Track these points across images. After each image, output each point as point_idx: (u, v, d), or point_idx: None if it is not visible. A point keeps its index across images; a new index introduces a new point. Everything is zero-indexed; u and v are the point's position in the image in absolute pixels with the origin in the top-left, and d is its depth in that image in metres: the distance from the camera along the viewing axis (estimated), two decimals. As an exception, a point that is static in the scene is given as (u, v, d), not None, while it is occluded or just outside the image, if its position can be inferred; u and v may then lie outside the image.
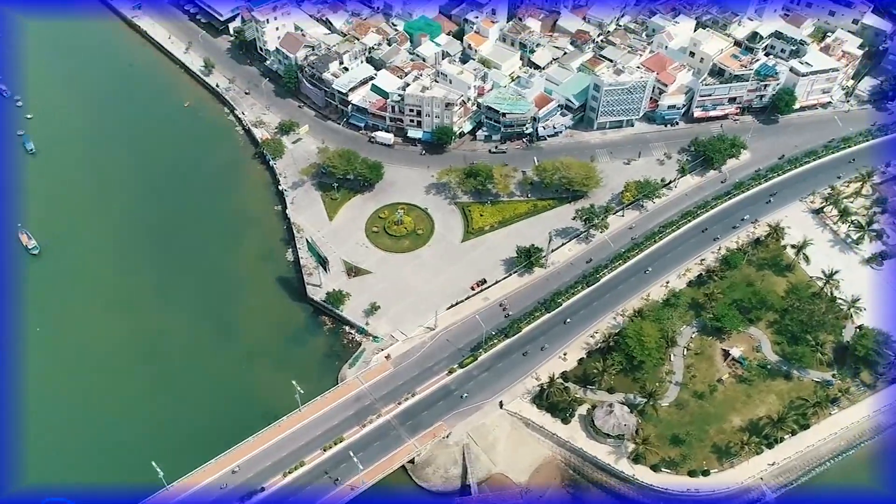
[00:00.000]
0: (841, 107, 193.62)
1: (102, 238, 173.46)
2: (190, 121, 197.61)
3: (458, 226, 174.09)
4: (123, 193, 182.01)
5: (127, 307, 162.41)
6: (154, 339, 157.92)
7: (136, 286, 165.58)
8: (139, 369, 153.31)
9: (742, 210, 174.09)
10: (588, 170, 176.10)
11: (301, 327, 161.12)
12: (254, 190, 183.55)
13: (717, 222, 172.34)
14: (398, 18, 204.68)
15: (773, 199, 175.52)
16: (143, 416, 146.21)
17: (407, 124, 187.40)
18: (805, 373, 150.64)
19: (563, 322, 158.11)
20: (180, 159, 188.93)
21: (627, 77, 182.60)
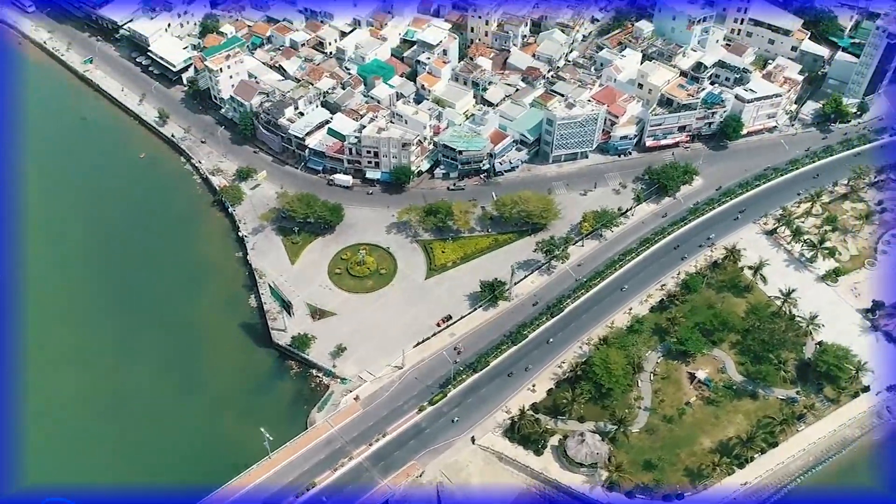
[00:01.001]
0: (787, 130, 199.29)
1: (59, 291, 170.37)
2: (146, 172, 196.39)
3: (421, 263, 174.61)
4: (80, 246, 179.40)
5: (86, 361, 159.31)
6: (115, 392, 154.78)
7: (96, 339, 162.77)
8: (100, 425, 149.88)
9: (705, 232, 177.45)
10: (546, 202, 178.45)
11: (267, 373, 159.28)
12: (213, 237, 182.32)
13: (678, 245, 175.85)
14: (351, 63, 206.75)
15: (740, 216, 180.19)
16: (106, 474, 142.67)
17: (365, 165, 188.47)
18: (770, 391, 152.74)
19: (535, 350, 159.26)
20: (138, 210, 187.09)
21: (579, 110, 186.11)
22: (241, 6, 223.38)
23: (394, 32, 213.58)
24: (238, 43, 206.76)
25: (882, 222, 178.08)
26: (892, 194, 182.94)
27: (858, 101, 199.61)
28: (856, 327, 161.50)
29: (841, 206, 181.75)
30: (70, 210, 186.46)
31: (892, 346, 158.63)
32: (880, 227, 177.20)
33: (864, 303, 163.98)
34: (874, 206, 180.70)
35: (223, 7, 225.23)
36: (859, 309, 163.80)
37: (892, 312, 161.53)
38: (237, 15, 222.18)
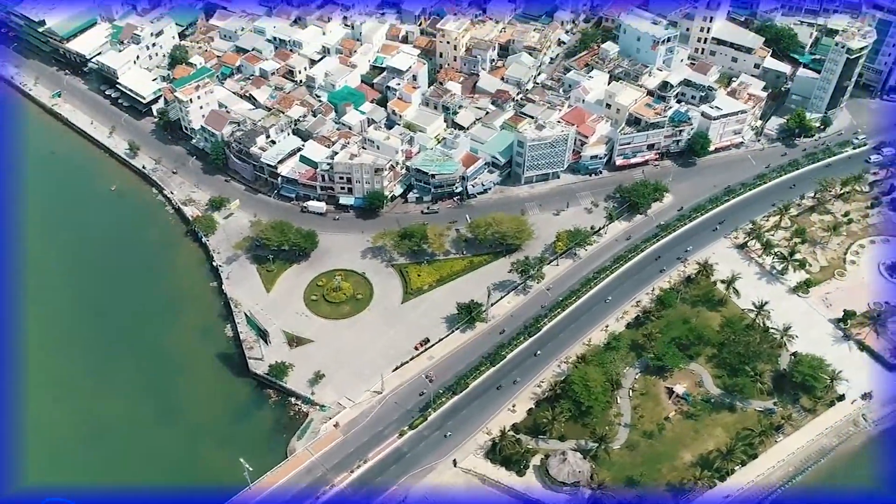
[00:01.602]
0: (753, 146, 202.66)
1: (34, 323, 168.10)
2: (118, 204, 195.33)
3: (397, 287, 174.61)
4: (53, 279, 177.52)
5: (63, 392, 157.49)
6: (93, 424, 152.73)
7: (72, 371, 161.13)
8: (78, 456, 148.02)
9: (679, 247, 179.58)
10: (519, 223, 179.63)
11: (245, 402, 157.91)
12: (187, 268, 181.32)
13: (658, 256, 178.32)
14: (321, 90, 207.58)
15: (719, 227, 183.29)
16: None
17: (338, 192, 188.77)
18: (748, 403, 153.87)
19: (510, 380, 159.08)
20: (111, 243, 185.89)
21: (549, 132, 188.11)
22: (209, 38, 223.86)
23: (363, 59, 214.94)
24: (208, 73, 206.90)
25: (850, 233, 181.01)
26: (857, 206, 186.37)
27: (821, 116, 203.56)
28: (829, 337, 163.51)
29: (809, 218, 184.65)
30: (42, 244, 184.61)
31: (865, 355, 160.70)
32: (848, 238, 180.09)
33: (835, 313, 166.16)
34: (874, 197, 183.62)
35: (192, 38, 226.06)
36: (831, 319, 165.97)
37: (864, 321, 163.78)
38: (206, 45, 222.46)
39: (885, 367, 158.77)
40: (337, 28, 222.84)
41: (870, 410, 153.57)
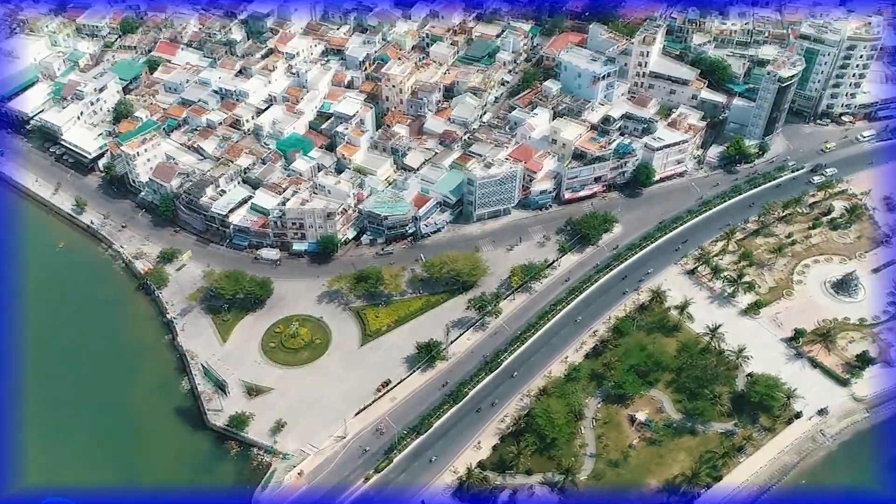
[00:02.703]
0: (696, 174, 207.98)
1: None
2: (66, 262, 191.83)
3: (355, 331, 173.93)
4: (3, 341, 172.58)
5: (17, 460, 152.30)
6: (48, 489, 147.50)
7: (27, 436, 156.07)
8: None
9: (632, 274, 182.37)
10: (474, 260, 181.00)
11: (206, 456, 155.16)
12: (140, 323, 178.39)
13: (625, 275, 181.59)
14: (269, 138, 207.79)
15: (681, 247, 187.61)
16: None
17: (291, 238, 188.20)
18: (709, 426, 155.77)
19: (476, 411, 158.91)
20: (60, 301, 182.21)
21: (497, 169, 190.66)
22: (154, 91, 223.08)
23: (309, 106, 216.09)
24: (153, 126, 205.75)
25: (794, 254, 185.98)
26: (799, 227, 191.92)
27: (759, 142, 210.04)
28: (782, 356, 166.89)
29: (754, 241, 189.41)
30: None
31: (818, 371, 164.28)
32: (793, 259, 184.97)
33: (786, 332, 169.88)
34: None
35: (136, 92, 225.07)
36: (783, 338, 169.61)
37: (814, 339, 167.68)
38: (151, 99, 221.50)
39: (837, 383, 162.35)
40: (282, 77, 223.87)
41: (827, 426, 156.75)
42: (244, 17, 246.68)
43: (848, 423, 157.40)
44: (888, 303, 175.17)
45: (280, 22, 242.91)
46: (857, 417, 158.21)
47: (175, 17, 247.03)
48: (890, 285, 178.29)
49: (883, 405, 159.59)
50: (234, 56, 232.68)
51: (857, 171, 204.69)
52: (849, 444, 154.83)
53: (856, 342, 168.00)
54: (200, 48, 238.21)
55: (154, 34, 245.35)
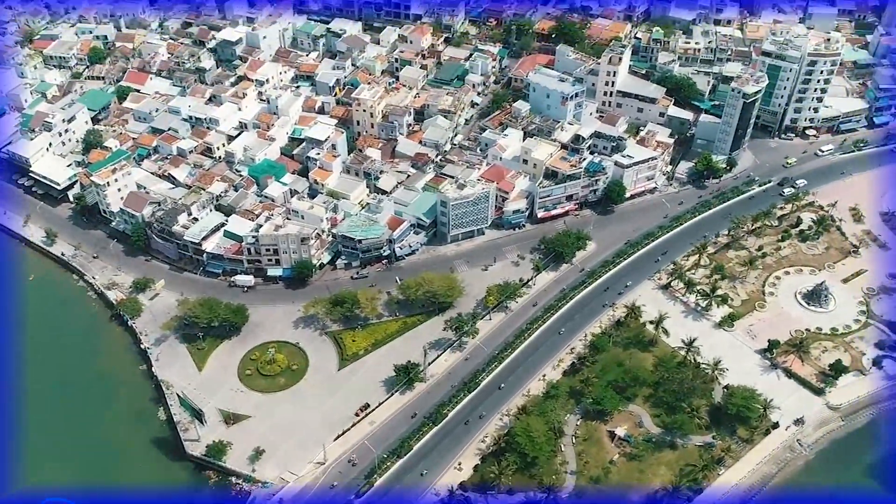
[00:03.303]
0: (666, 190, 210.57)
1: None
2: (38, 294, 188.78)
3: (333, 355, 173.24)
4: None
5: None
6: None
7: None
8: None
9: (603, 295, 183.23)
10: (449, 281, 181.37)
11: (184, 487, 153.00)
12: (115, 353, 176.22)
13: (582, 308, 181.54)
14: (241, 165, 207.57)
15: (661, 258, 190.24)
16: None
17: (266, 264, 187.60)
18: (688, 439, 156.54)
19: (465, 423, 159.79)
20: (33, 334, 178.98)
21: (470, 190, 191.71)
22: (123, 120, 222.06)
23: (281, 132, 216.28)
24: (124, 156, 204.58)
25: (765, 266, 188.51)
26: (769, 240, 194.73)
27: (726, 157, 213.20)
28: (757, 367, 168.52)
29: (726, 255, 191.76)
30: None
31: (793, 382, 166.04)
32: (764, 271, 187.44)
33: (760, 343, 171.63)
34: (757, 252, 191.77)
35: (106, 122, 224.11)
36: (757, 349, 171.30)
37: (788, 349, 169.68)
38: (121, 128, 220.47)
39: (812, 392, 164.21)
40: (252, 103, 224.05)
41: (804, 435, 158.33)
42: (213, 45, 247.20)
43: (824, 431, 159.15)
44: (858, 312, 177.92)
45: (250, 49, 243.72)
46: (833, 426, 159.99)
47: (144, 46, 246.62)
48: (860, 294, 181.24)
49: (857, 413, 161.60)
50: (204, 84, 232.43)
51: (823, 184, 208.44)
52: (825, 453, 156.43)
53: (829, 352, 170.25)
54: (170, 76, 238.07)
55: (123, 63, 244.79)
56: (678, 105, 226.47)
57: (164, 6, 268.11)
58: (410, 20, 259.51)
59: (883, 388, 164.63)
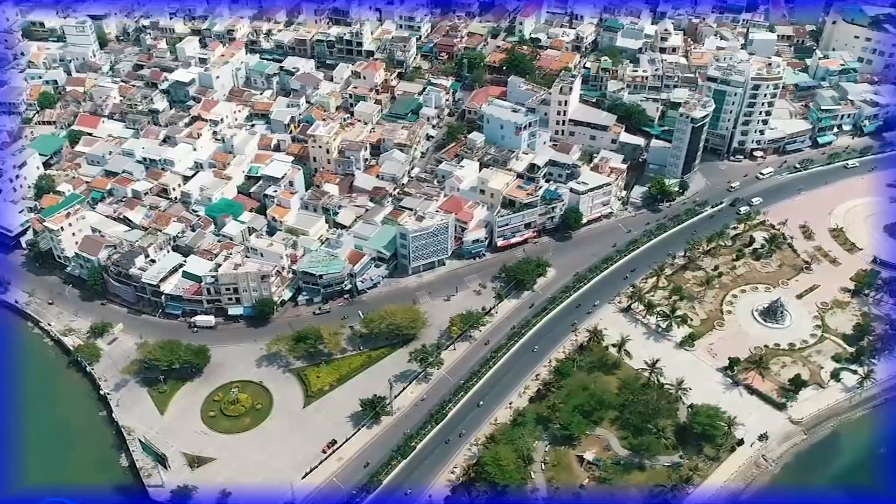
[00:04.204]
0: (622, 215, 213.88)
1: None
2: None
3: (297, 392, 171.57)
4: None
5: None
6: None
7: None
8: None
9: (566, 320, 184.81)
10: (412, 313, 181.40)
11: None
12: (74, 400, 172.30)
13: (545, 334, 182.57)
14: (198, 205, 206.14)
15: (630, 275, 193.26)
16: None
17: (226, 303, 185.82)
18: (656, 460, 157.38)
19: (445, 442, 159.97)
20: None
21: (429, 222, 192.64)
22: (76, 164, 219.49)
23: (237, 171, 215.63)
24: (78, 200, 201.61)
25: (722, 285, 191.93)
26: (724, 259, 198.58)
27: (678, 181, 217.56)
28: (719, 385, 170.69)
29: (683, 276, 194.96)
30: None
31: (755, 398, 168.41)
32: (721, 290, 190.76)
33: (721, 361, 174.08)
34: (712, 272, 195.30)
35: (58, 167, 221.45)
36: (719, 368, 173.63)
37: (749, 366, 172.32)
38: (73, 172, 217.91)
39: (774, 408, 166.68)
40: (207, 143, 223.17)
41: (768, 450, 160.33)
42: (166, 87, 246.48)
43: (788, 445, 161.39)
44: (814, 326, 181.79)
45: (203, 89, 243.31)
46: (796, 440, 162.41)
47: (95, 90, 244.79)
48: (814, 309, 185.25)
49: (819, 426, 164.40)
50: (157, 125, 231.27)
51: (773, 203, 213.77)
52: (790, 466, 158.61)
53: (788, 366, 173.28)
54: (123, 119, 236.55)
55: (74, 108, 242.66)
56: (629, 131, 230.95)
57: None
58: (363, 56, 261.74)
59: (842, 400, 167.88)
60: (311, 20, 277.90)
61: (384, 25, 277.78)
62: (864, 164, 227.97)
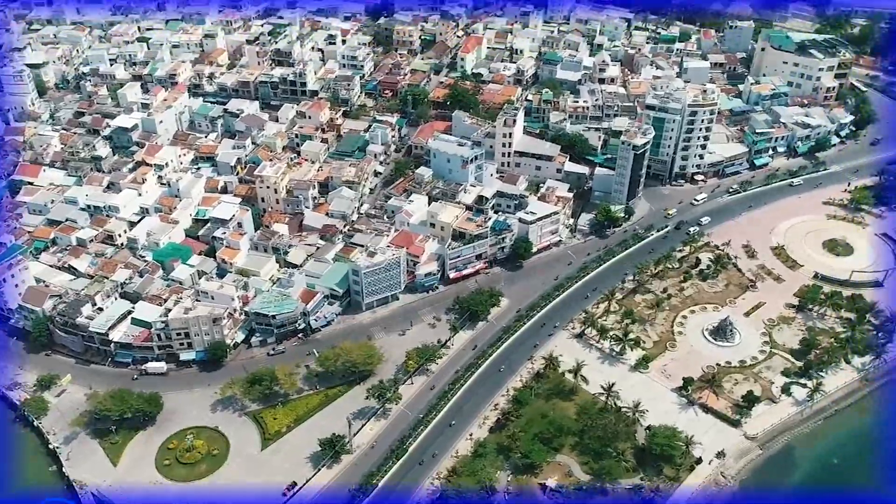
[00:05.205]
0: (570, 242, 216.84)
1: None
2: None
3: (254, 435, 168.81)
4: None
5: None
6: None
7: None
8: None
9: (521, 348, 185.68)
10: (368, 349, 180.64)
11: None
12: (22, 456, 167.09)
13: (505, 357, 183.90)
14: (145, 250, 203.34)
15: (598, 289, 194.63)
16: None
17: (178, 348, 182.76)
18: (617, 483, 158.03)
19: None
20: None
21: (381, 257, 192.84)
22: (18, 214, 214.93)
23: (184, 214, 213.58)
24: (19, 251, 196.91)
25: (672, 307, 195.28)
26: (672, 281, 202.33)
27: (624, 206, 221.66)
28: (675, 406, 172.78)
29: (633, 299, 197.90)
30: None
31: (710, 416, 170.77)
32: (671, 312, 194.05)
33: (676, 382, 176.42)
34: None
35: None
36: (673, 388, 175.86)
37: (702, 385, 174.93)
38: (14, 223, 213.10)
39: (729, 425, 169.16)
40: (153, 188, 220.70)
41: (726, 467, 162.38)
42: (108, 133, 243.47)
43: (745, 461, 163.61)
44: (762, 343, 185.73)
45: (146, 134, 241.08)
46: (752, 455, 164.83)
47: (35, 139, 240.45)
48: (761, 326, 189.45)
49: (774, 440, 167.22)
50: (100, 172, 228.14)
51: (716, 225, 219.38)
52: (748, 482, 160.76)
53: (740, 384, 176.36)
54: (64, 167, 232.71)
55: (13, 157, 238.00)
56: (574, 161, 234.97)
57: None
58: (307, 96, 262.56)
59: (794, 414, 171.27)
60: (253, 62, 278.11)
61: (327, 65, 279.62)
62: (809, 182, 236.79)
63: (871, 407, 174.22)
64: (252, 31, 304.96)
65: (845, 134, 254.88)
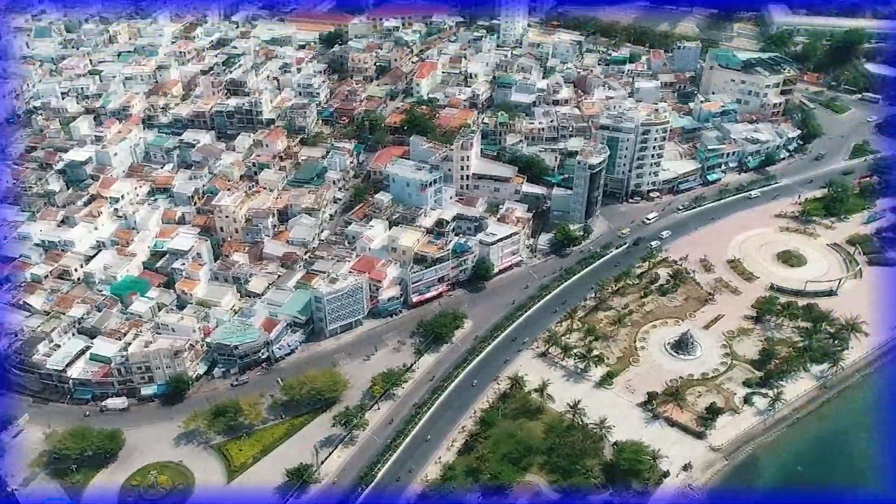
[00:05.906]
0: (531, 262, 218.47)
1: None
2: None
3: (219, 468, 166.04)
4: None
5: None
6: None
7: None
8: None
9: (486, 369, 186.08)
10: (332, 376, 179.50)
11: None
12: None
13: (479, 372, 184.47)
14: (102, 284, 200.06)
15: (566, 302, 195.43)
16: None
17: (139, 383, 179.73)
18: (587, 501, 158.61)
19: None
20: None
21: (342, 283, 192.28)
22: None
23: (142, 247, 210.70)
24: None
25: (633, 322, 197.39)
26: (633, 297, 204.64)
27: (582, 225, 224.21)
28: (640, 420, 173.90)
29: (595, 316, 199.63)
30: None
31: (675, 429, 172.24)
32: (633, 328, 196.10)
33: (640, 396, 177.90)
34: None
35: None
36: (638, 403, 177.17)
37: (666, 399, 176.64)
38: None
39: (694, 437, 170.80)
40: (108, 221, 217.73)
41: (693, 479, 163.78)
42: (61, 167, 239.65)
43: (711, 473, 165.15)
44: (723, 355, 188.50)
45: (101, 167, 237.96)
46: (718, 466, 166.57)
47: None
48: (721, 338, 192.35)
49: (738, 450, 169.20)
50: (54, 206, 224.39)
51: (672, 241, 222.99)
52: (715, 492, 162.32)
53: (703, 396, 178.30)
54: (17, 203, 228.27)
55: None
56: (531, 181, 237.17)
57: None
58: (263, 125, 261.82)
59: (757, 424, 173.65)
60: (208, 92, 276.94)
61: (283, 93, 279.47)
62: (766, 195, 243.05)
63: (831, 413, 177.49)
64: (206, 62, 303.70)
65: (793, 148, 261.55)
